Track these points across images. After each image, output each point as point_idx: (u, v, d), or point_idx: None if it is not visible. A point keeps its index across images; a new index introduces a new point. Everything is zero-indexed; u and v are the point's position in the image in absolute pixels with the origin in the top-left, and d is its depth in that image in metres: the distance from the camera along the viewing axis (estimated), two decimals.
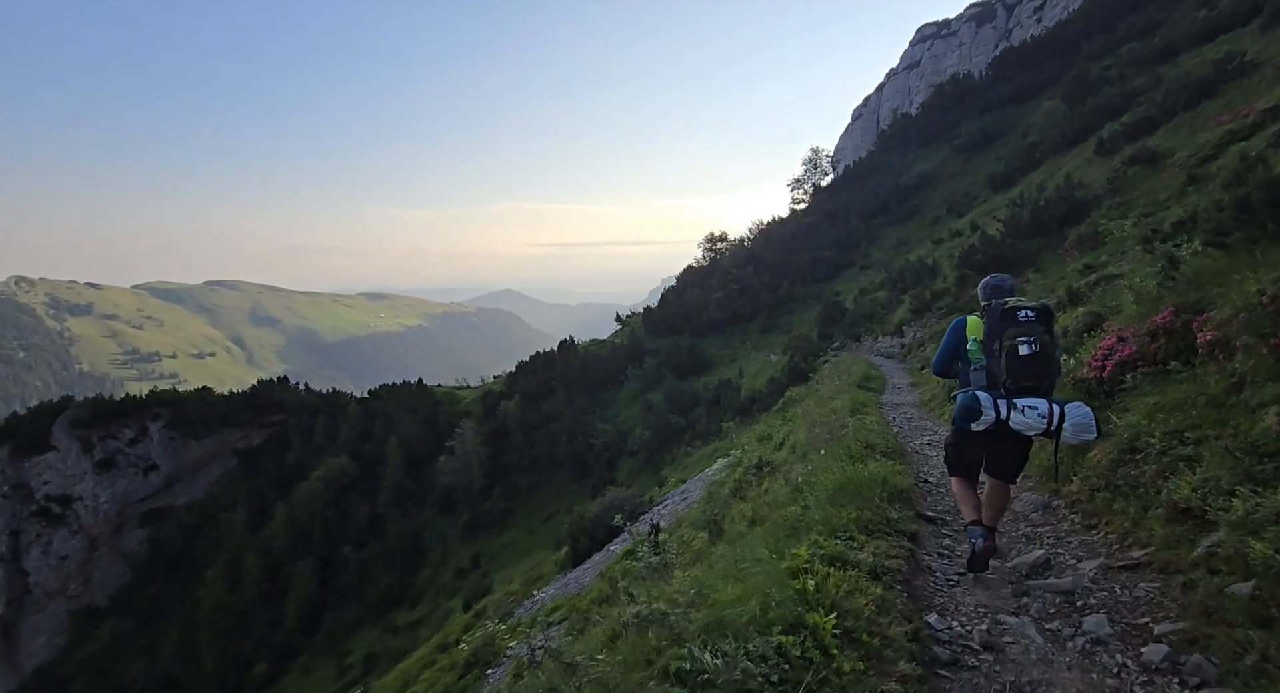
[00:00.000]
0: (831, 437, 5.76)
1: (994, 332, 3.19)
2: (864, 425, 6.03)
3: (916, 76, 73.32)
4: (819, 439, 5.69)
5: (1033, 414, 2.98)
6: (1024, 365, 3.04)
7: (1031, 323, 3.12)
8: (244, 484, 44.66)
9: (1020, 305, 3.19)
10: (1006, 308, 3.21)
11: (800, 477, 4.24)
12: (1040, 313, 3.18)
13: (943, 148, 48.11)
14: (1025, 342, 3.05)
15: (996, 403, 3.05)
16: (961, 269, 18.70)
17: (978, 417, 3.05)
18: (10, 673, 40.49)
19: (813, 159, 50.69)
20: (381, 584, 32.69)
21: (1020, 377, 3.05)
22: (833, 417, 7.29)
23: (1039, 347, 3.05)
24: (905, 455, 5.20)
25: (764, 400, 22.72)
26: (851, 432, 5.53)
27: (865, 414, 7.25)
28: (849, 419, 6.70)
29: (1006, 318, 3.17)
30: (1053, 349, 3.12)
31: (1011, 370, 3.06)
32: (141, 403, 44.67)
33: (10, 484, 41.69)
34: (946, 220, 35.98)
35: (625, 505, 14.65)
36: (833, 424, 6.40)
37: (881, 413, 7.94)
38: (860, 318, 24.85)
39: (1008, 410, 3.02)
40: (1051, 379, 3.11)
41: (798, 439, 7.58)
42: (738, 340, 36.19)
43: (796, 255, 40.08)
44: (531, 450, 36.69)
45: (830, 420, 6.88)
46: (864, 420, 6.60)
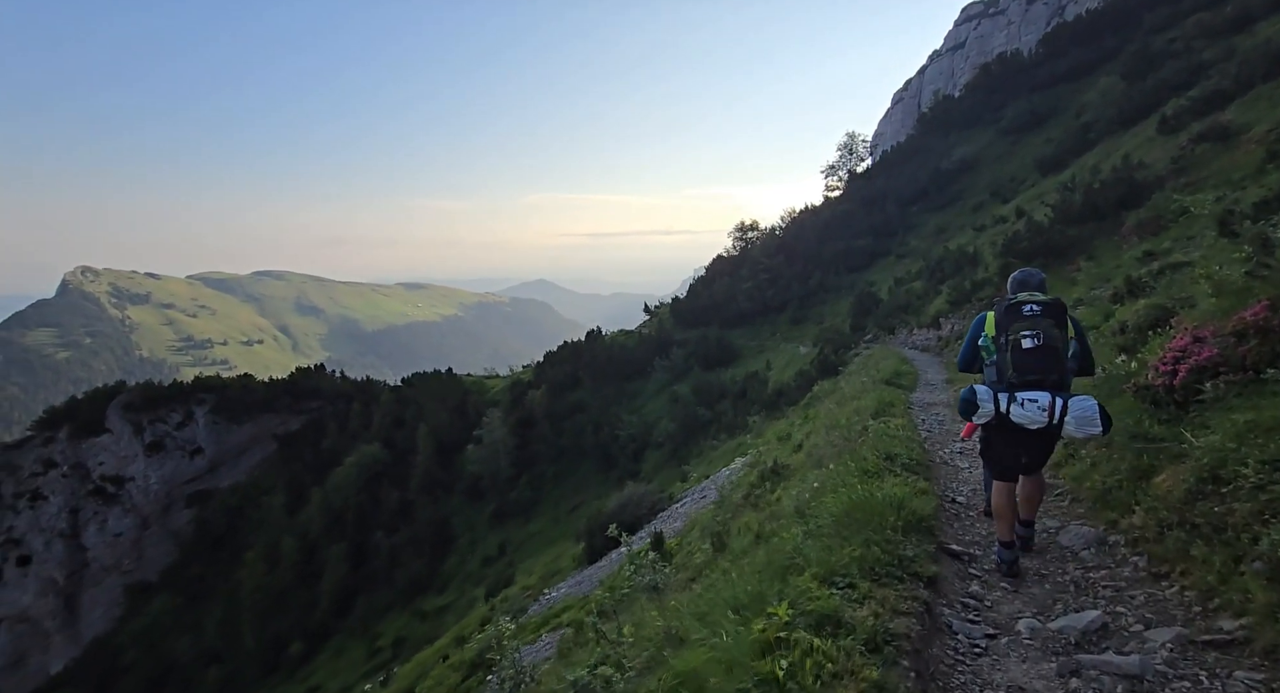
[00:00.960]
0: (847, 444, 5.18)
1: (1001, 326, 3.22)
2: (886, 431, 5.41)
3: (961, 58, 69.94)
4: (833, 448, 5.12)
5: (1033, 408, 2.97)
6: (1028, 359, 3.05)
7: (1036, 317, 3.13)
8: (283, 468, 46.09)
9: (1026, 300, 3.21)
10: (1012, 303, 3.25)
11: (806, 494, 3.71)
12: (1047, 307, 3.16)
13: (987, 130, 45.75)
14: (1029, 335, 3.07)
15: (996, 396, 3.07)
16: (1005, 257, 17.51)
17: (974, 410, 3.10)
18: (71, 642, 42.94)
19: (848, 144, 48.76)
20: (411, 570, 33.25)
21: (1024, 370, 3.05)
22: (854, 419, 6.67)
23: (1043, 340, 3.05)
24: (931, 468, 4.57)
25: (791, 394, 21.96)
26: (871, 439, 4.93)
27: (890, 417, 6.60)
28: (871, 423, 6.08)
29: (1012, 313, 3.20)
30: (1062, 343, 3.10)
31: (1016, 364, 3.08)
32: (188, 389, 46.45)
33: (70, 464, 44.01)
34: (990, 206, 34.22)
35: (644, 502, 14.26)
36: (851, 429, 5.79)
37: (910, 414, 7.26)
38: (895, 309, 23.74)
39: (1007, 404, 3.02)
40: (1061, 373, 3.06)
41: (815, 442, 6.99)
42: (767, 332, 35.27)
43: (829, 244, 38.75)
44: (558, 441, 36.68)
45: (850, 424, 6.27)
46: (888, 424, 5.96)
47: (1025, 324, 3.13)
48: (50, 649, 43.36)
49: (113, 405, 43.73)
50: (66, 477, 43.23)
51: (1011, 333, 3.15)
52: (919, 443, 5.36)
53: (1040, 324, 3.11)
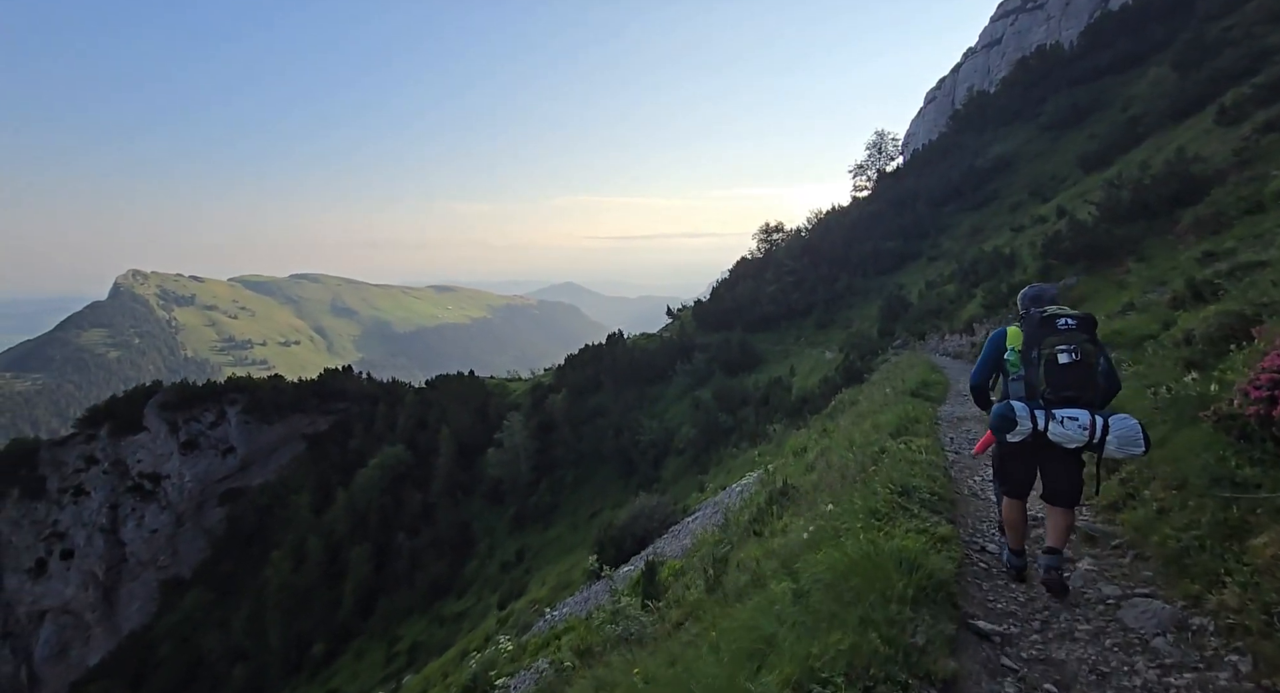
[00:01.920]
0: (859, 471, 4.53)
1: (1032, 340, 3.10)
2: (906, 454, 4.74)
3: (997, 54, 67.56)
4: (841, 476, 4.48)
5: (1073, 426, 2.86)
6: (1063, 375, 2.95)
7: (1071, 331, 3.02)
8: (311, 468, 46.81)
9: (1060, 313, 3.10)
10: (1045, 316, 3.12)
11: (798, 544, 3.11)
12: (1081, 321, 3.07)
13: (1026, 127, 43.93)
14: (1065, 350, 2.96)
15: (1033, 413, 2.95)
16: (1045, 259, 16.42)
17: (1012, 427, 2.96)
18: (110, 635, 44.26)
19: (877, 143, 47.23)
20: (431, 573, 33.25)
21: (1060, 387, 2.95)
22: (872, 436, 5.99)
23: (1080, 355, 2.95)
24: (957, 504, 3.89)
25: (815, 402, 21.13)
26: (886, 466, 4.28)
27: (913, 435, 5.91)
28: (889, 443, 5.40)
29: (1045, 326, 3.08)
30: (1096, 358, 2.99)
31: (1051, 380, 2.98)
32: (220, 389, 47.59)
33: (110, 461, 45.46)
34: (1028, 205, 32.71)
35: (656, 515, 13.69)
36: (867, 451, 5.13)
37: (937, 432, 6.53)
38: (926, 313, 22.67)
39: (1045, 421, 2.91)
40: (1097, 391, 2.97)
41: (829, 461, 6.33)
42: (791, 336, 34.32)
43: (857, 246, 37.57)
44: (578, 445, 36.32)
45: (865, 444, 5.60)
46: (909, 446, 5.28)
47: (1061, 338, 2.99)
48: (90, 642, 44.78)
49: (150, 404, 45.03)
50: (107, 473, 44.64)
51: (1045, 347, 3.01)
52: (944, 470, 4.66)
53: (1076, 338, 2.98)
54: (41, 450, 45.54)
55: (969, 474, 5.06)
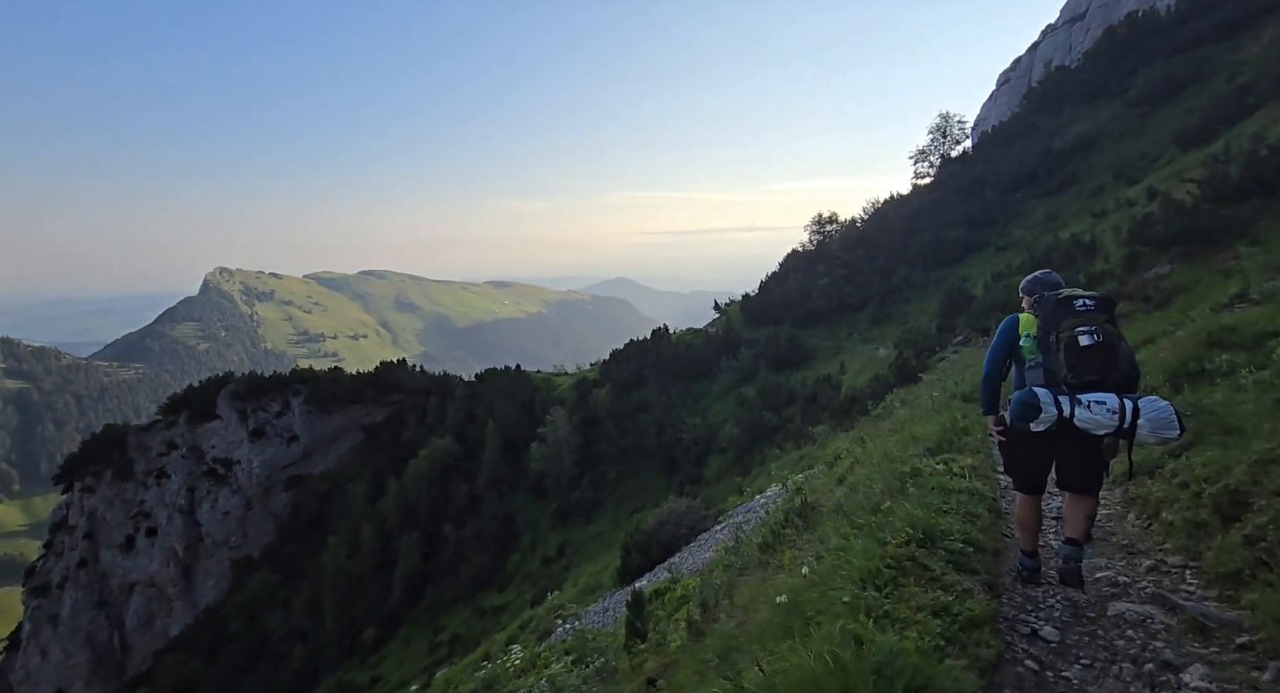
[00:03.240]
0: (882, 499, 3.66)
1: (1049, 324, 2.95)
2: (943, 481, 3.83)
3: (1080, 30, 61.97)
4: (861, 502, 3.63)
5: (1101, 410, 2.68)
6: (1086, 358, 2.78)
7: (1090, 311, 2.86)
8: (367, 458, 48.59)
9: (1077, 294, 2.96)
10: (1061, 297, 2.97)
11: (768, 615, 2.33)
12: (1100, 302, 2.91)
13: (1111, 103, 40.01)
14: (1086, 331, 2.79)
15: (1057, 399, 2.78)
16: (1133, 245, 14.50)
17: (1036, 414, 2.79)
18: (189, 608, 47.51)
19: (941, 127, 44.06)
20: (475, 565, 33.69)
21: (1083, 371, 2.78)
22: (905, 454, 5.05)
23: (1102, 337, 2.78)
24: (1003, 557, 2.99)
25: (865, 402, 19.77)
26: (913, 497, 3.40)
27: (959, 452, 4.92)
28: (926, 462, 4.47)
29: (1062, 308, 2.94)
30: (1118, 340, 2.81)
31: (1072, 364, 2.81)
32: (285, 380, 49.99)
33: (188, 446, 48.69)
34: (1113, 188, 29.70)
35: (684, 521, 12.94)
36: (895, 472, 4.23)
37: (989, 448, 5.50)
38: (991, 307, 20.78)
39: (1071, 407, 2.74)
40: (1121, 374, 2.77)
41: (855, 479, 5.42)
42: (844, 332, 32.59)
43: (917, 236, 35.22)
44: (621, 441, 35.93)
45: (898, 461, 4.68)
46: (950, 467, 4.34)
47: (1080, 320, 2.83)
48: (172, 614, 48.24)
49: (222, 394, 47.83)
50: (185, 458, 47.82)
51: (1064, 330, 2.86)
52: (991, 501, 3.72)
53: (1096, 319, 2.82)
54: (130, 435, 49.29)
55: None
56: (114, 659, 48.26)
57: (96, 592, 48.91)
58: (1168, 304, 10.28)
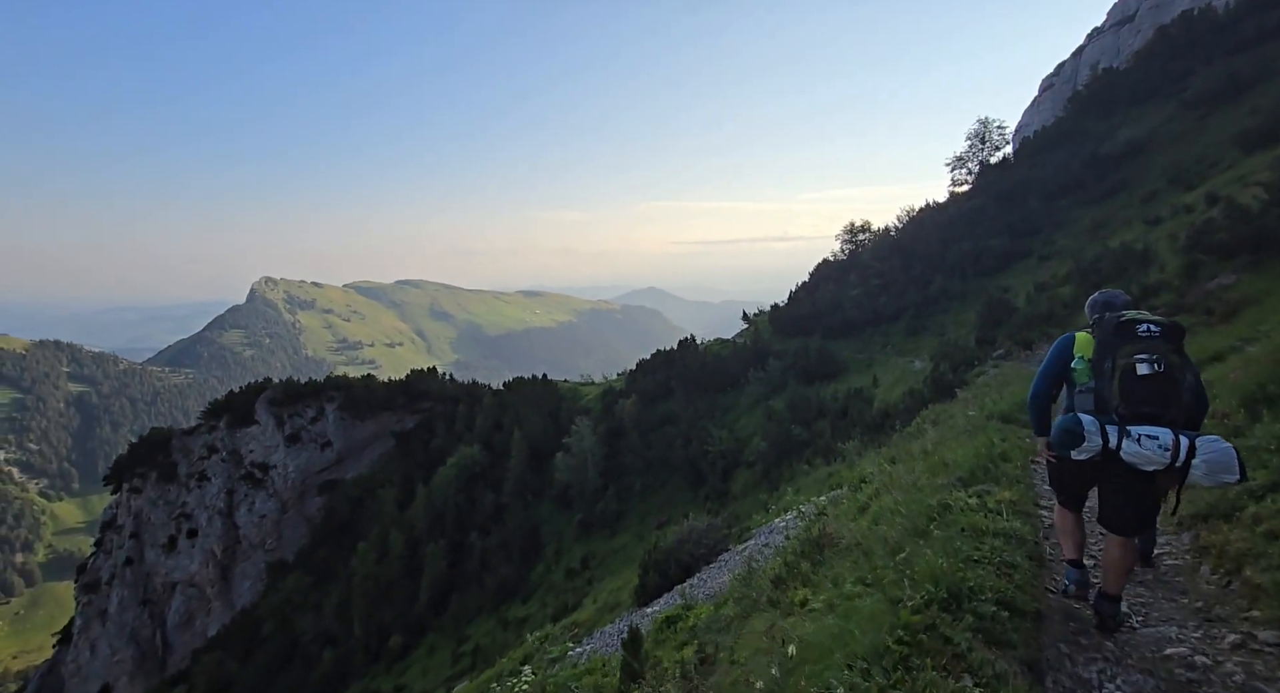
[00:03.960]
0: (900, 543, 3.22)
1: (1106, 348, 2.74)
2: (975, 519, 3.36)
3: (1130, 33, 59.52)
4: (867, 546, 3.19)
5: (1151, 445, 2.48)
6: (1143, 388, 2.56)
7: (1154, 338, 2.64)
8: (398, 464, 49.29)
9: (1141, 318, 2.73)
10: (1123, 321, 2.75)
11: None
12: (1167, 329, 2.68)
13: (1165, 105, 38.13)
14: (1145, 360, 2.58)
15: (1104, 429, 2.59)
16: (1192, 253, 13.48)
17: (1078, 442, 2.62)
18: (226, 608, 48.76)
19: (980, 133, 42.58)
20: (500, 574, 33.61)
21: (1138, 401, 2.56)
22: (933, 482, 4.57)
23: (1163, 366, 2.57)
24: (1045, 623, 2.49)
25: (899, 417, 18.95)
26: (938, 542, 2.95)
27: (995, 482, 4.42)
28: (957, 495, 4.00)
29: (1123, 332, 2.72)
30: (1183, 372, 2.58)
31: (1127, 394, 2.59)
32: (320, 386, 51.23)
33: (228, 450, 50.23)
34: (1167, 195, 28.11)
35: (704, 540, 12.46)
36: (921, 506, 3.77)
37: (1030, 478, 4.96)
38: (1034, 319, 19.73)
39: (1119, 438, 2.56)
40: (1181, 409, 2.54)
41: (880, 507, 4.96)
42: (877, 344, 31.57)
43: (955, 245, 33.98)
44: (647, 453, 35.49)
45: (922, 495, 4.21)
46: (985, 501, 3.86)
47: (1141, 347, 2.64)
48: (210, 613, 49.59)
49: (260, 400, 49.25)
50: (225, 462, 49.32)
51: (1121, 356, 2.68)
52: (1032, 546, 3.23)
53: (1159, 348, 2.62)
54: (174, 439, 51.16)
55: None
56: (156, 656, 49.83)
57: (141, 590, 50.69)
58: (1233, 317, 9.44)
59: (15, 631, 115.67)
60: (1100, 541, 3.63)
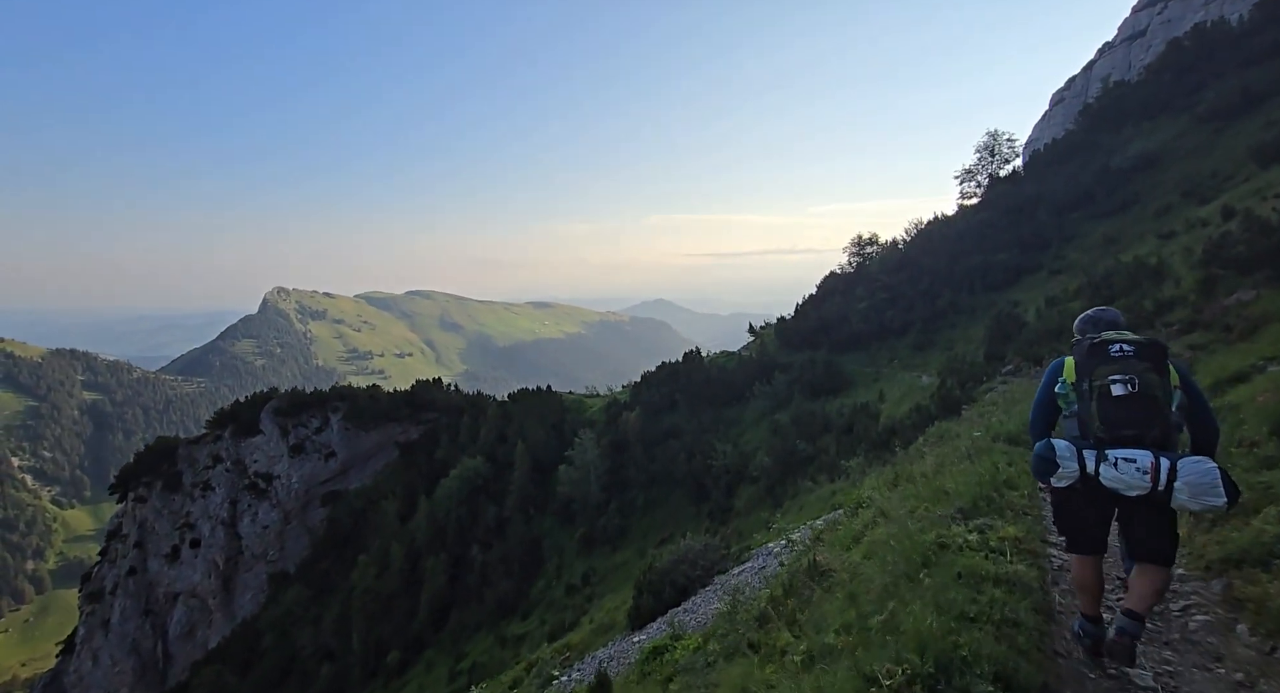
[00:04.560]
0: (890, 588, 2.87)
1: (1083, 370, 2.68)
2: (973, 563, 3.01)
3: (1140, 48, 59.29)
4: (855, 589, 2.85)
5: (1129, 469, 2.40)
6: (1119, 410, 2.49)
7: (1128, 358, 2.55)
8: (401, 475, 49.03)
9: (1114, 338, 2.66)
10: (1096, 342, 2.69)
11: None
12: (1143, 348, 2.59)
13: (1177, 118, 37.66)
14: (1119, 380, 2.51)
15: (1080, 454, 2.52)
16: (1208, 267, 13.04)
17: (1053, 470, 2.56)
18: (227, 620, 48.45)
19: (989, 145, 42.19)
20: (499, 590, 33.12)
21: (1115, 424, 2.49)
22: (931, 514, 4.21)
23: (1138, 387, 2.47)
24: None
25: (905, 433, 18.48)
26: (930, 595, 2.61)
27: (999, 515, 4.06)
28: (955, 531, 3.65)
29: (1095, 354, 2.66)
30: (1162, 392, 2.48)
31: (1104, 416, 2.52)
32: (325, 396, 51.22)
33: (232, 460, 50.23)
34: (1181, 208, 27.61)
35: (700, 561, 12.05)
36: (913, 549, 3.42)
37: (1039, 509, 4.57)
38: (1044, 335, 19.24)
39: (1095, 463, 2.48)
40: (1163, 428, 2.44)
41: (875, 538, 4.60)
42: (884, 358, 31.07)
43: (963, 259, 33.53)
44: (650, 466, 35.03)
45: (918, 528, 3.86)
46: (988, 539, 3.51)
47: (1114, 367, 2.55)
48: (212, 625, 49.31)
49: (265, 409, 49.30)
50: (229, 471, 49.31)
51: (1096, 379, 2.58)
52: (1037, 598, 2.86)
53: (1134, 367, 2.51)
54: (180, 448, 51.27)
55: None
56: (157, 668, 49.49)
57: (144, 600, 50.52)
58: (1253, 334, 9.02)
59: (24, 638, 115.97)
60: (1117, 589, 3.26)
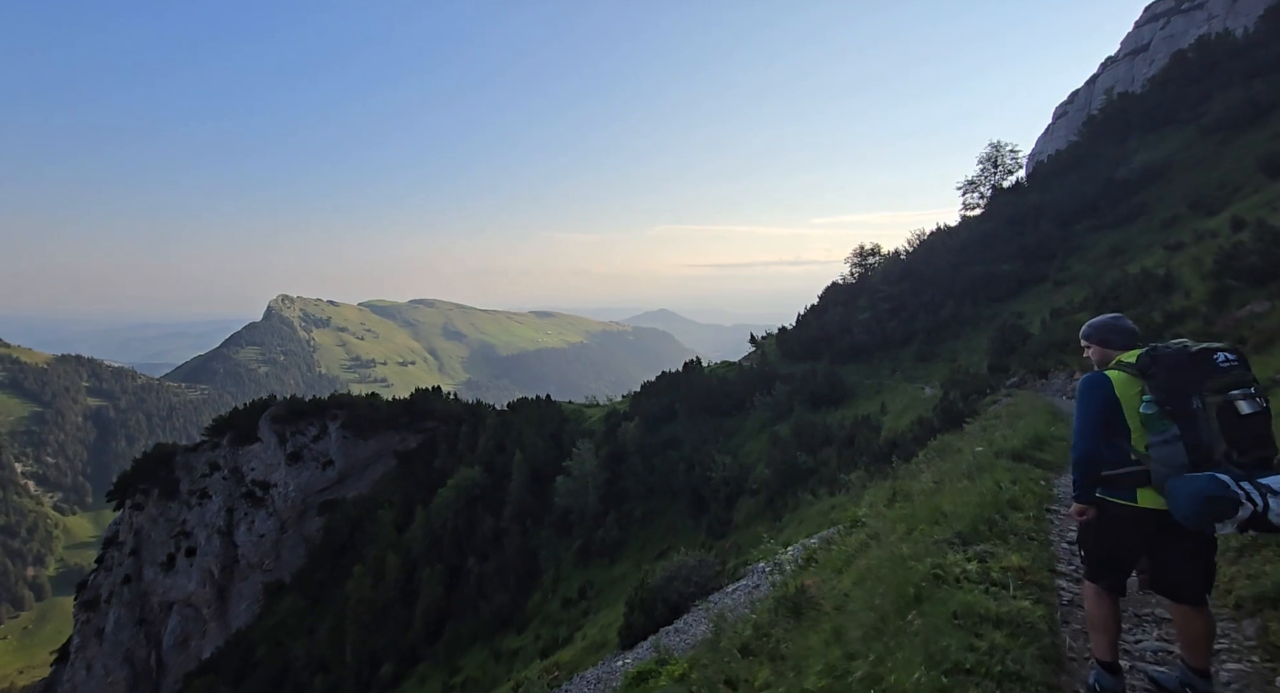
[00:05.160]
0: (877, 628, 2.54)
1: (1183, 387, 2.20)
2: (971, 600, 2.67)
3: (1143, 62, 59.44)
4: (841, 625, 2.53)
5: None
6: (1252, 430, 2.07)
7: (1238, 368, 2.16)
8: (399, 484, 48.60)
9: (1213, 347, 2.26)
10: (1196, 351, 2.24)
11: None
12: (1243, 357, 2.23)
13: (1182, 130, 37.44)
14: (1243, 395, 2.09)
15: (1244, 489, 2.03)
16: (1220, 279, 12.68)
17: (1232, 511, 2.03)
18: (222, 630, 47.88)
19: (992, 156, 41.96)
20: (495, 602, 32.61)
21: (1250, 445, 2.07)
22: (927, 538, 3.88)
23: (1265, 403, 2.12)
24: None
25: (906, 446, 18.07)
26: (920, 639, 2.27)
27: (1002, 541, 3.72)
28: (951, 562, 3.31)
29: (1201, 364, 2.19)
30: None
31: (1236, 438, 2.08)
32: (323, 404, 50.96)
33: (229, 468, 49.94)
34: (1188, 220, 27.29)
35: (693, 578, 11.65)
36: (904, 581, 3.08)
37: (1046, 532, 4.22)
38: (1049, 346, 18.86)
39: (1262, 498, 2.01)
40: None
41: (865, 566, 4.26)
42: (886, 369, 30.67)
43: (966, 269, 33.19)
44: (649, 478, 34.56)
45: (914, 552, 3.52)
46: (987, 570, 3.17)
47: (1230, 380, 2.12)
48: (206, 635, 48.73)
49: (264, 417, 49.05)
50: (226, 479, 48.99)
51: (1211, 393, 2.14)
52: (1044, 644, 2.52)
53: (1248, 379, 2.14)
54: (177, 455, 51.01)
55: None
56: (150, 678, 48.87)
57: (138, 609, 50.01)
58: (1269, 347, 8.67)
59: (23, 645, 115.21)
60: (1134, 629, 2.91)
